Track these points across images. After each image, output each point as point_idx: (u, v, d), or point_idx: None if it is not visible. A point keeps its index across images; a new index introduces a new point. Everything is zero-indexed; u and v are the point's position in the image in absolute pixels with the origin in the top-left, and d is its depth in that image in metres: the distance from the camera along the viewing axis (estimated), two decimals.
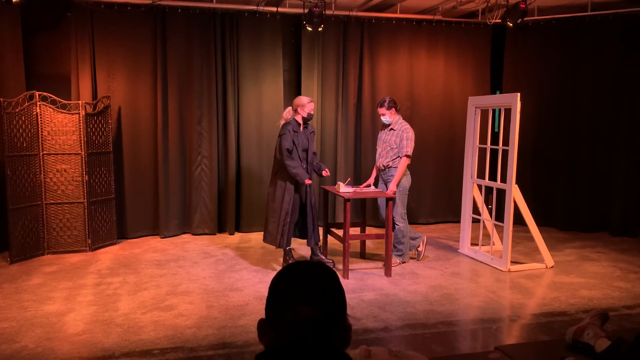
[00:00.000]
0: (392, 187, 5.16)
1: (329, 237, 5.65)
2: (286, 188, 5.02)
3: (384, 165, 5.31)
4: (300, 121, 5.06)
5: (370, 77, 7.11)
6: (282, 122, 5.11)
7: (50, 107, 5.58)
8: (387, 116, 5.26)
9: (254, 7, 6.45)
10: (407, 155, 5.18)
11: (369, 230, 6.24)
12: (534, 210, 5.49)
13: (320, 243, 5.39)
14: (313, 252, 5.24)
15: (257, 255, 5.77)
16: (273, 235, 5.09)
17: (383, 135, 5.39)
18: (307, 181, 4.99)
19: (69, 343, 3.49)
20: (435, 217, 7.49)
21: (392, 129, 5.29)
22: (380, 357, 1.29)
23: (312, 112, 5.11)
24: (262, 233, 6.73)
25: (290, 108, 5.15)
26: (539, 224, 5.52)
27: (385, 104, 5.24)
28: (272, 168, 5.21)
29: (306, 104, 5.06)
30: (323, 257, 5.29)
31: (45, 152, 5.59)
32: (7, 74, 5.72)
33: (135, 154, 6.42)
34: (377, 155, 5.45)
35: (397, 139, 5.23)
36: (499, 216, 5.52)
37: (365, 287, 4.66)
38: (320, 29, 6.14)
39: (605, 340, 2.03)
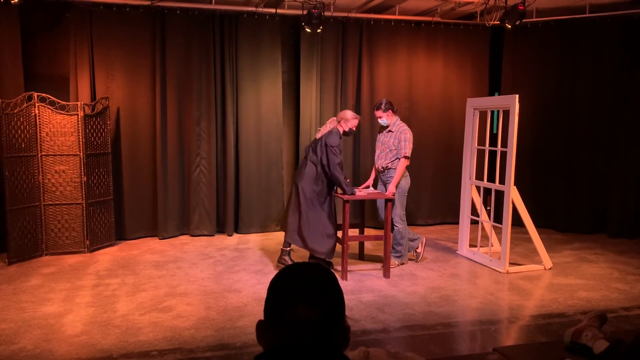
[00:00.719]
0: (391, 188, 5.16)
1: None
2: (334, 200, 5.12)
3: (382, 167, 5.31)
4: (341, 133, 5.07)
5: (369, 78, 7.12)
6: (326, 131, 5.02)
7: (48, 108, 5.57)
8: (384, 118, 5.27)
9: (253, 9, 6.45)
10: (405, 157, 5.18)
11: (368, 231, 6.24)
12: (532, 212, 5.50)
13: None
14: (311, 255, 5.22)
15: (255, 256, 5.76)
16: (325, 244, 4.97)
17: (382, 137, 5.39)
18: (358, 191, 5.22)
19: (67, 344, 3.48)
20: (434, 219, 7.49)
21: (390, 130, 5.30)
22: (378, 358, 1.29)
23: (354, 129, 5.13)
24: (263, 234, 6.78)
25: (334, 119, 5.16)
26: (537, 225, 5.53)
27: (382, 107, 5.24)
28: (320, 175, 4.99)
29: (350, 119, 5.05)
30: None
31: (43, 153, 5.58)
32: (5, 74, 5.72)
33: (134, 155, 6.41)
34: (375, 157, 5.46)
35: (395, 141, 5.23)
36: (498, 218, 5.53)
37: (364, 289, 4.66)
38: (319, 31, 6.14)
39: (604, 341, 2.03)
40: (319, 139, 5.06)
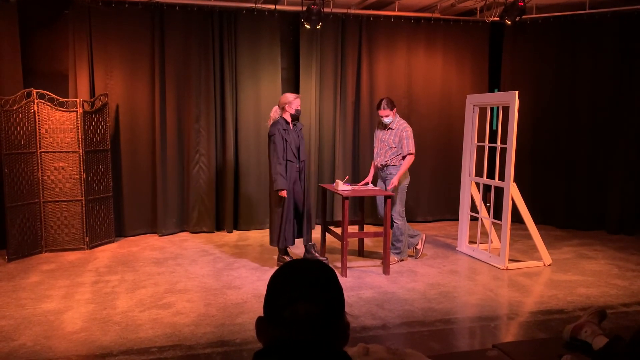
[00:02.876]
0: (394, 181, 5.13)
1: (327, 235, 5.65)
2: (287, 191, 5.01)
3: (381, 164, 5.30)
4: (289, 119, 5.01)
5: (369, 75, 7.10)
6: (270, 122, 5.05)
7: (47, 105, 5.56)
8: (391, 116, 5.24)
9: (252, 5, 6.44)
10: (410, 154, 5.18)
11: (368, 228, 6.24)
12: (531, 209, 5.49)
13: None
14: (307, 251, 5.22)
15: (255, 253, 5.76)
16: (275, 233, 5.03)
17: (380, 134, 5.37)
18: (283, 193, 4.87)
19: (66, 341, 3.48)
20: (434, 215, 7.49)
21: (389, 127, 5.28)
22: (378, 355, 1.29)
23: (299, 109, 5.06)
24: (263, 230, 6.77)
25: (277, 107, 5.10)
26: (536, 222, 5.53)
27: (387, 105, 5.21)
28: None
29: (292, 100, 4.99)
30: (318, 255, 5.27)
31: (42, 149, 5.58)
32: (4, 71, 5.71)
33: (133, 151, 6.41)
34: (374, 154, 5.44)
35: (395, 138, 5.22)
36: (497, 214, 5.53)
37: (364, 285, 4.67)
38: (318, 27, 6.12)
39: (603, 338, 2.03)
40: None
